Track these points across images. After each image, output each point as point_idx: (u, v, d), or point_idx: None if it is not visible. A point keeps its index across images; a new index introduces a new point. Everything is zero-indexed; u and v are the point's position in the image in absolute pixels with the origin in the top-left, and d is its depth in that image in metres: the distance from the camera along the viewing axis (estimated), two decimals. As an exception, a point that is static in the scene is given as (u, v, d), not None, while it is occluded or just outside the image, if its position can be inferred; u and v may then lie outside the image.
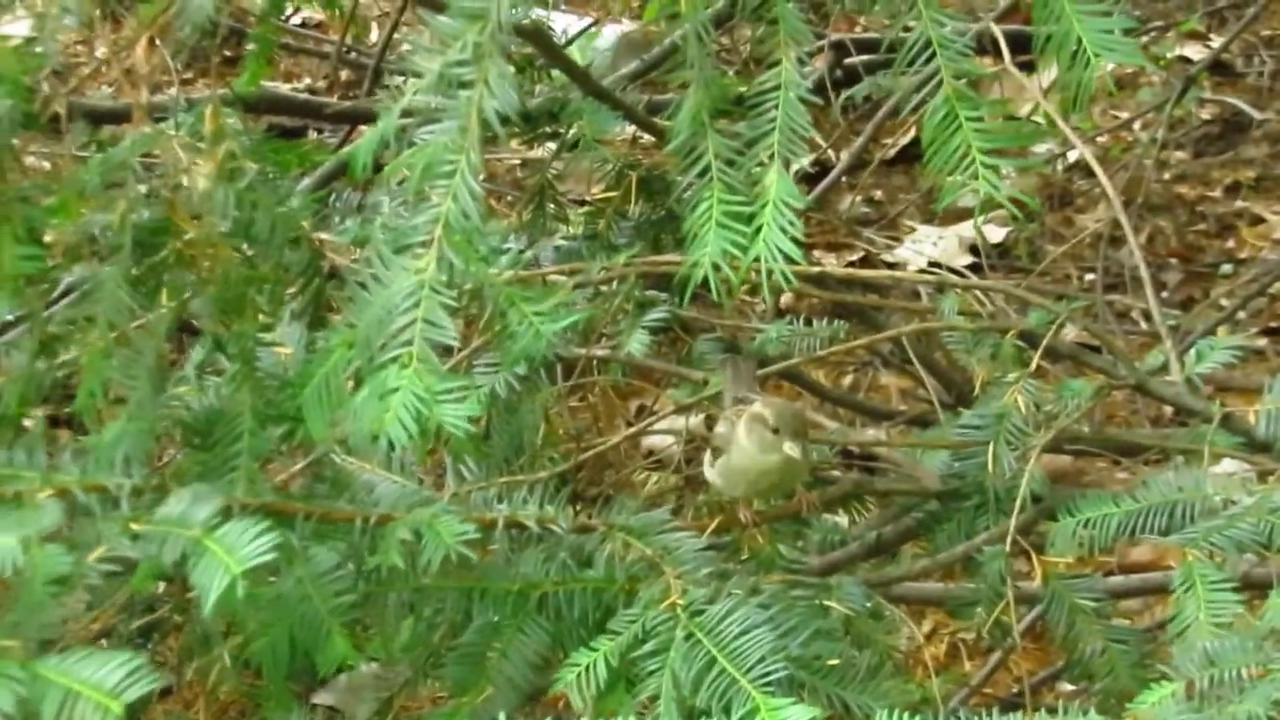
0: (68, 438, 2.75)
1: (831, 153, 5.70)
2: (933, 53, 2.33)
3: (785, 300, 4.60)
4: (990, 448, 2.99)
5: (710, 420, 3.32)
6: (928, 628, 4.14)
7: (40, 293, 2.63)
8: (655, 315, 3.26)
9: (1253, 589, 2.70)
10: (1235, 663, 2.34)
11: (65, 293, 2.71)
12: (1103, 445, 3.48)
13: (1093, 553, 2.87)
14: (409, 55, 2.42)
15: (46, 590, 2.22)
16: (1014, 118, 5.27)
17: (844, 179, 5.51)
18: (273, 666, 2.62)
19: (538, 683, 2.69)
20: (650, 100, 4.00)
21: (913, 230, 5.81)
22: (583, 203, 4.07)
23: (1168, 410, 4.54)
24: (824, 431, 3.50)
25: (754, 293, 3.22)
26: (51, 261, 2.61)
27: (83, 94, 4.16)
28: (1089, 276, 5.37)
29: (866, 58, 5.50)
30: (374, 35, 6.34)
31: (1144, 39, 5.84)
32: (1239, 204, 5.95)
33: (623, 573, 2.67)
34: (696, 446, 3.64)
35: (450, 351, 2.51)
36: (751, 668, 2.40)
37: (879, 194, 6.07)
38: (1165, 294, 5.48)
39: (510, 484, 2.89)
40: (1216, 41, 6.10)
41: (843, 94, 5.12)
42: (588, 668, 2.50)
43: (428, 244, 2.31)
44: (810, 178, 5.44)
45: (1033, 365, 3.08)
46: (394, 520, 2.55)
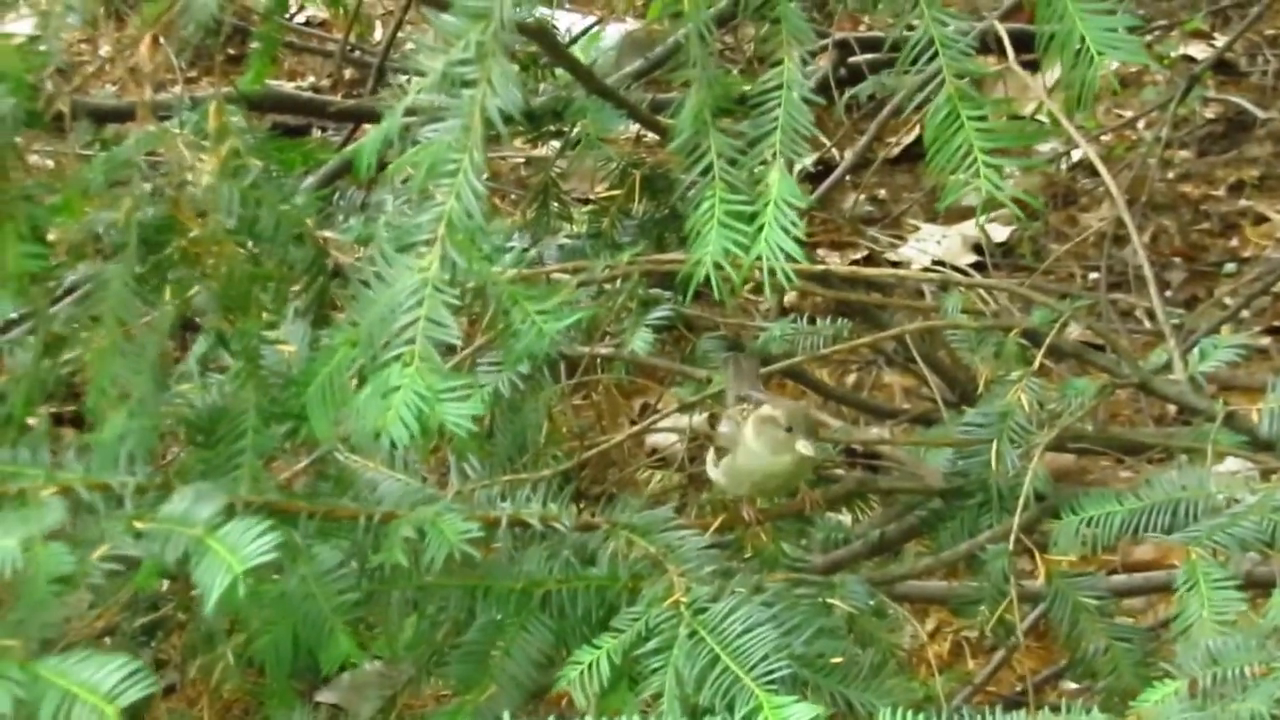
0: (71, 436, 2.75)
1: (835, 151, 5.70)
2: (935, 52, 2.33)
3: (789, 299, 4.60)
4: (994, 446, 2.99)
5: (714, 419, 3.32)
6: (931, 626, 4.14)
7: (45, 291, 2.64)
8: (659, 314, 3.26)
9: (1256, 587, 2.70)
10: (1238, 661, 2.34)
11: (69, 291, 2.72)
12: (1106, 444, 3.48)
13: (1096, 551, 2.87)
14: (412, 54, 2.42)
15: (49, 589, 2.22)
16: (1017, 117, 5.29)
17: (848, 177, 5.50)
18: (276, 664, 2.62)
19: (541, 681, 2.69)
20: (654, 99, 3.99)
21: (916, 229, 5.81)
22: (586, 201, 4.07)
23: (1171, 409, 4.54)
24: (827, 430, 3.49)
25: (757, 291, 3.22)
26: (56, 260, 2.61)
27: (87, 92, 4.17)
28: (1093, 275, 5.37)
29: (870, 56, 5.50)
30: (378, 34, 6.34)
31: (1148, 38, 5.83)
32: (1243, 203, 5.95)
33: (626, 571, 2.67)
34: (700, 445, 3.64)
35: (453, 350, 2.52)
36: (755, 666, 2.40)
37: (883, 193, 6.07)
38: (1169, 293, 5.48)
39: (514, 482, 2.89)
40: (1220, 40, 6.09)
41: (846, 93, 5.12)
42: (591, 666, 2.49)
43: (431, 242, 2.31)
44: (814, 176, 5.44)
45: (1036, 364, 3.08)
46: (397, 518, 2.56)
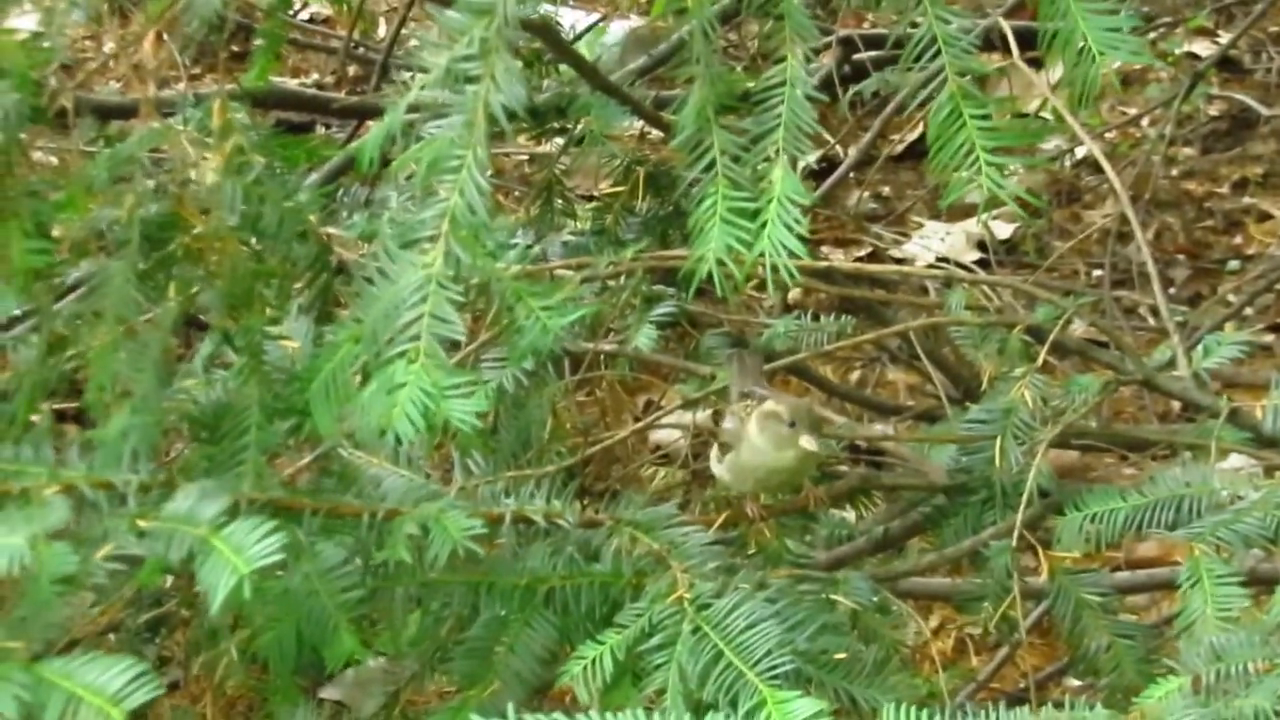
0: (75, 432, 2.75)
1: (839, 148, 5.70)
2: (938, 50, 2.33)
3: (793, 295, 4.60)
4: (997, 443, 2.99)
5: (717, 415, 3.32)
6: (935, 622, 4.14)
7: (48, 287, 2.64)
8: (663, 310, 3.26)
9: (1259, 584, 2.71)
10: (1242, 657, 2.34)
11: (73, 287, 2.72)
12: (1110, 440, 3.49)
13: (1100, 548, 2.87)
14: (416, 50, 2.42)
15: (53, 589, 2.21)
16: (1021, 114, 5.29)
17: (852, 175, 5.50)
18: (280, 661, 2.62)
19: (545, 677, 2.69)
20: (658, 95, 3.99)
21: (920, 226, 5.81)
22: (590, 198, 4.07)
23: (1175, 405, 4.54)
24: (831, 426, 3.49)
25: (761, 288, 3.22)
26: (59, 256, 2.61)
27: (91, 89, 4.17)
28: (1096, 272, 5.37)
29: (874, 53, 5.49)
30: (382, 30, 6.35)
31: (1152, 35, 5.83)
32: (1246, 200, 5.95)
33: (630, 567, 2.67)
34: (704, 441, 3.64)
35: (458, 346, 2.52)
36: (758, 661, 2.40)
37: (887, 190, 6.07)
38: (1173, 290, 5.48)
39: (517, 478, 2.89)
40: (1224, 38, 6.09)
41: (850, 90, 5.12)
42: (594, 661, 2.50)
43: (435, 239, 2.31)
44: (818, 173, 5.45)
45: (1040, 360, 3.08)
46: (401, 515, 2.56)
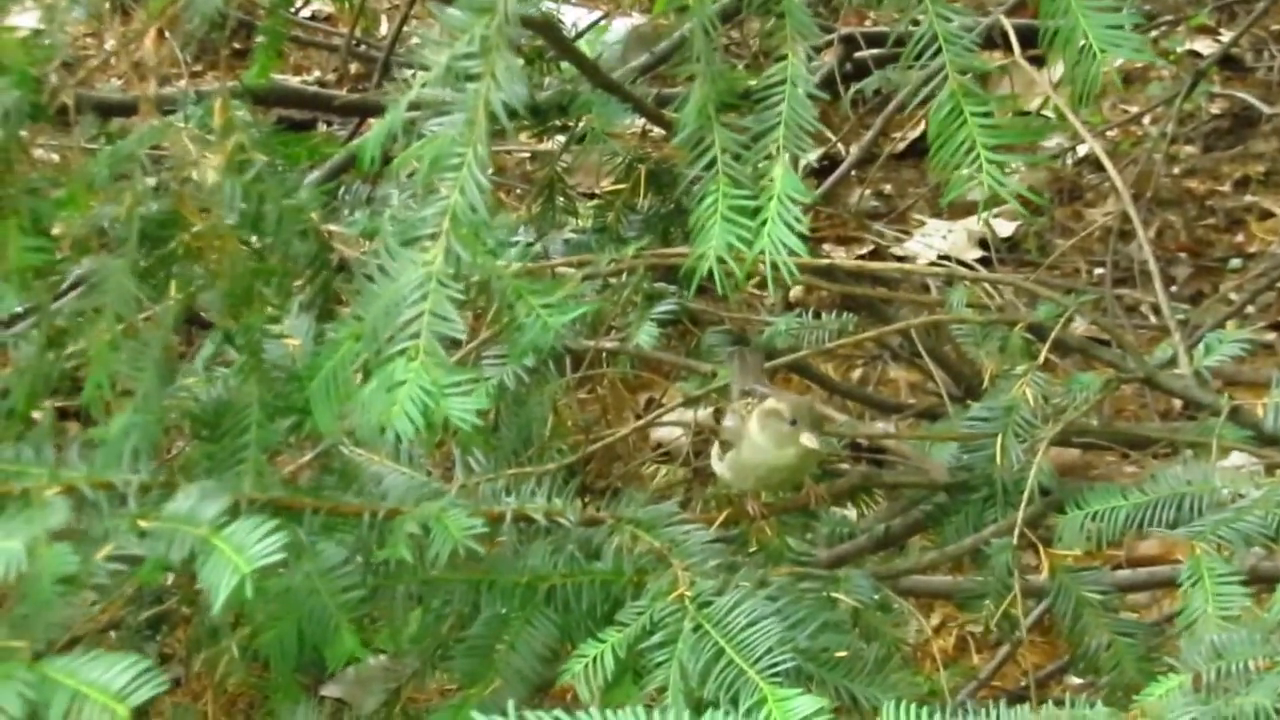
0: (76, 430, 2.75)
1: (841, 146, 5.70)
2: (939, 47, 2.33)
3: (794, 293, 4.60)
4: (998, 441, 2.99)
5: (718, 413, 3.32)
6: (936, 620, 4.14)
7: (48, 285, 2.64)
8: (663, 308, 3.26)
9: (1260, 582, 2.71)
10: (1242, 655, 2.34)
11: (74, 285, 2.72)
12: (1111, 438, 3.48)
13: (1101, 546, 2.87)
14: (417, 48, 2.42)
15: (54, 590, 2.21)
16: (1022, 112, 5.29)
17: (853, 173, 5.50)
18: (281, 659, 2.62)
19: (546, 675, 2.69)
20: (659, 93, 3.99)
21: (922, 224, 5.81)
22: (592, 196, 4.07)
23: (1176, 404, 4.53)
24: (833, 424, 3.49)
25: (762, 286, 3.22)
26: (60, 254, 2.61)
27: (91, 86, 4.16)
28: (1098, 270, 5.37)
29: (876, 52, 5.49)
30: (384, 28, 6.35)
31: (1154, 33, 5.83)
32: (1248, 198, 5.95)
33: (631, 565, 2.66)
34: (705, 439, 3.63)
35: (458, 344, 2.51)
36: (759, 659, 2.40)
37: (888, 188, 6.07)
38: (1174, 288, 5.48)
39: (518, 476, 2.88)
40: (1226, 36, 6.09)
41: (852, 88, 5.12)
42: (595, 659, 2.50)
43: (435, 236, 2.31)
44: (820, 171, 5.45)
45: (1041, 358, 3.08)
46: (402, 514, 2.55)
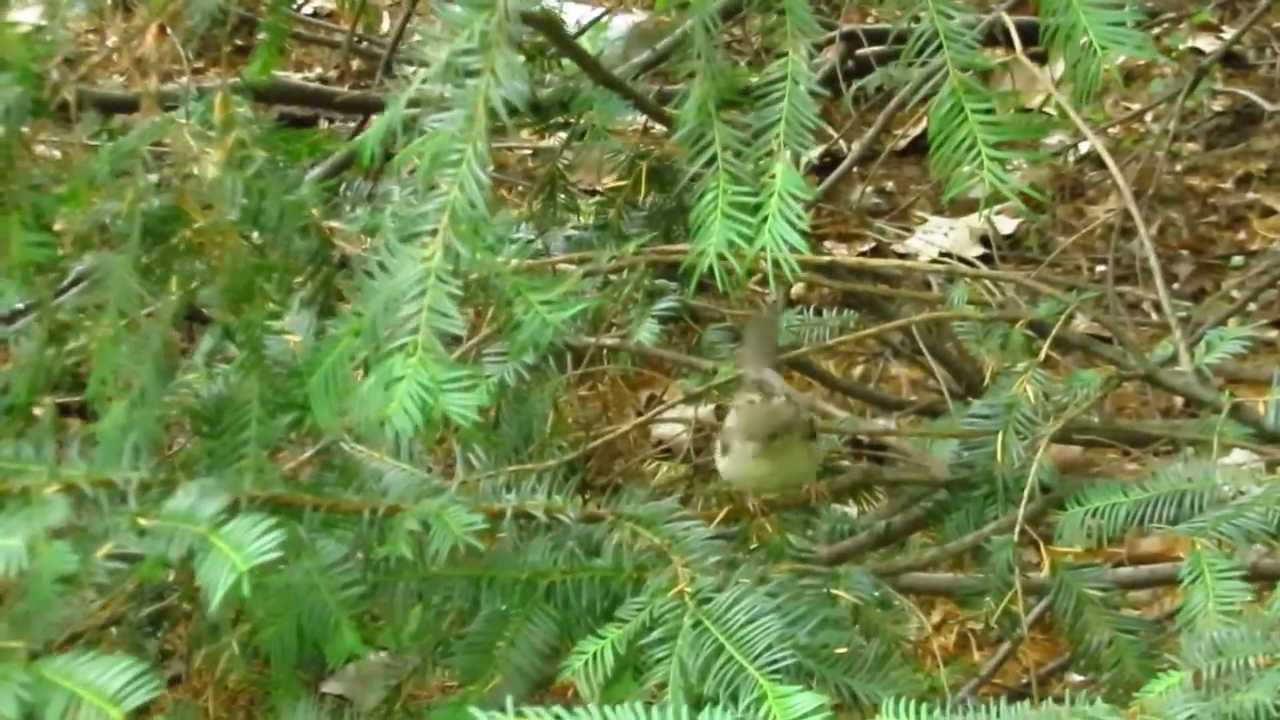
0: (78, 426, 2.75)
1: (843, 143, 5.70)
2: (940, 45, 2.33)
3: (796, 290, 4.60)
4: (999, 438, 2.98)
5: (721, 410, 3.32)
6: (937, 617, 4.14)
7: (50, 281, 2.64)
8: (665, 305, 3.25)
9: (1261, 579, 2.71)
10: (1243, 652, 2.34)
11: (75, 281, 2.72)
12: (1112, 435, 3.48)
13: (1102, 543, 2.87)
14: (418, 44, 2.42)
15: (53, 589, 2.21)
16: (1024, 110, 5.29)
17: (855, 170, 5.50)
18: (281, 656, 2.62)
19: (546, 671, 2.69)
20: (661, 90, 3.99)
21: (924, 221, 5.81)
22: (593, 192, 4.06)
23: (1178, 401, 4.53)
24: (834, 421, 3.50)
25: (764, 283, 3.22)
26: (61, 250, 2.61)
27: (93, 82, 4.17)
28: (1100, 268, 5.37)
29: (878, 49, 5.49)
30: (386, 25, 6.35)
31: (1156, 30, 5.83)
32: (1250, 196, 5.94)
33: (631, 561, 2.66)
34: (705, 436, 3.64)
35: (459, 340, 2.51)
36: (759, 656, 2.39)
37: (890, 185, 6.07)
38: (1176, 285, 5.48)
39: (519, 473, 2.88)
40: (1229, 33, 6.08)
41: (854, 85, 5.12)
42: (595, 655, 2.49)
43: (434, 232, 2.31)
44: (821, 168, 5.45)
45: (1042, 355, 3.07)
46: (402, 511, 2.55)
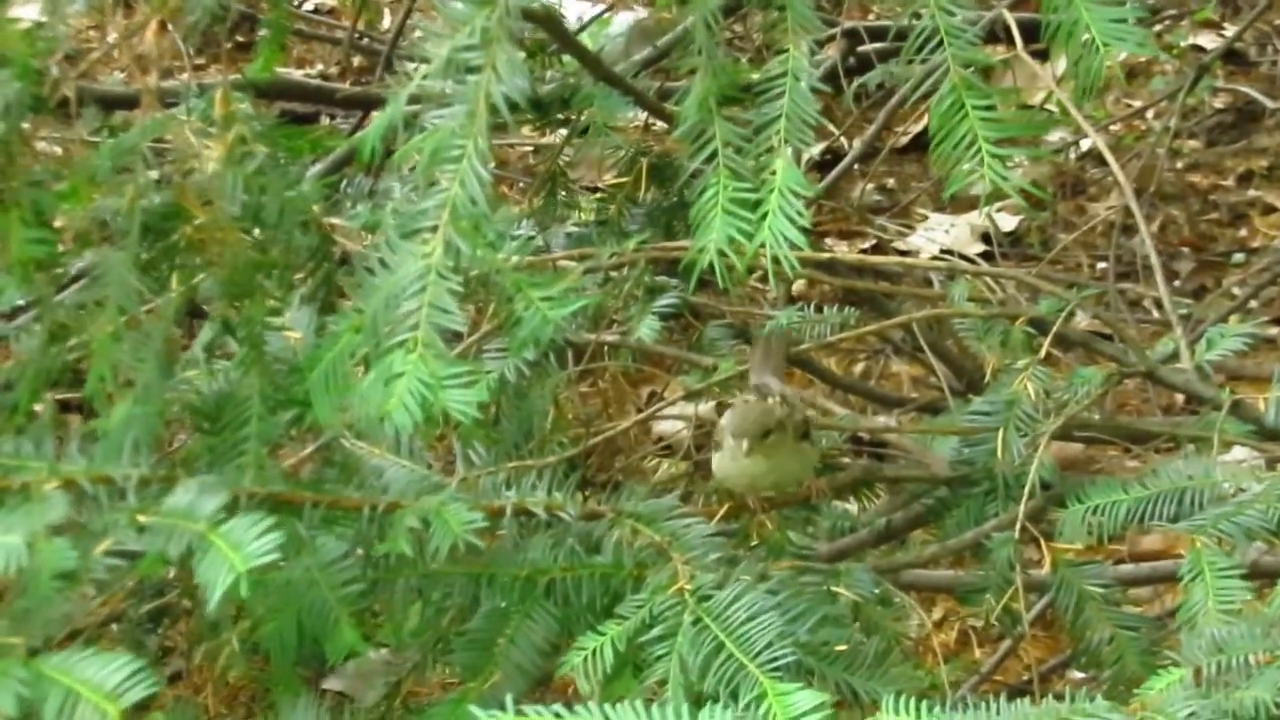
0: (78, 422, 2.75)
1: (844, 140, 5.70)
2: (941, 42, 2.33)
3: (797, 287, 4.60)
4: (1000, 434, 2.98)
5: (721, 407, 3.32)
6: (937, 615, 4.14)
7: (50, 278, 2.63)
8: (665, 301, 3.25)
9: (1261, 576, 2.71)
10: (1243, 649, 2.33)
11: (75, 278, 2.72)
12: (1113, 432, 3.48)
13: (1103, 541, 2.87)
14: (419, 40, 2.42)
15: (52, 585, 2.21)
16: (1025, 106, 5.29)
17: (856, 167, 5.50)
18: (281, 652, 2.61)
19: (546, 668, 2.69)
20: (662, 86, 3.99)
21: (925, 218, 5.81)
22: (594, 189, 4.07)
23: (1178, 398, 4.53)
24: (834, 418, 3.50)
25: (765, 280, 3.22)
26: (62, 246, 2.61)
27: (94, 78, 4.17)
28: (1101, 265, 5.36)
29: (879, 45, 5.49)
30: (387, 21, 6.35)
31: (1157, 28, 5.83)
32: (1251, 193, 5.94)
33: (631, 558, 2.66)
34: (706, 433, 3.63)
35: (460, 336, 2.51)
36: (759, 653, 2.39)
37: (891, 182, 6.07)
38: (1177, 282, 5.48)
39: (519, 469, 2.88)
40: (1230, 30, 6.08)
41: (855, 82, 5.12)
42: (595, 652, 2.49)
43: (435, 229, 2.31)
44: (822, 165, 5.45)
45: (1043, 352, 3.07)
46: (402, 508, 2.55)
